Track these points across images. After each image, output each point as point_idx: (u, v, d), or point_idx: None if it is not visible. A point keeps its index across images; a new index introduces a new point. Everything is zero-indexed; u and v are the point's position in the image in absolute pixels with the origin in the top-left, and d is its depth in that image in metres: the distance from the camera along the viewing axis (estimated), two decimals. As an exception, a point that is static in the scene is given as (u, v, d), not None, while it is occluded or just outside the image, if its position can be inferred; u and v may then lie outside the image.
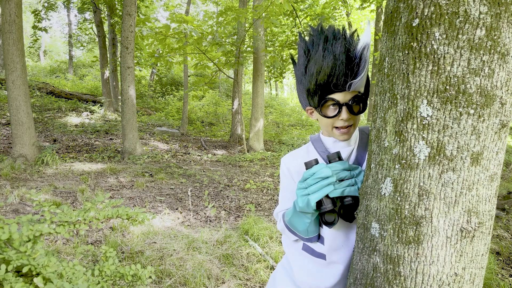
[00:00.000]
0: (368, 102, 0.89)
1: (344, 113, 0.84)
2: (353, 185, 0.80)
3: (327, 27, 0.85)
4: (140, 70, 17.83)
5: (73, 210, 1.37)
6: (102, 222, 1.38)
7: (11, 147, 5.92)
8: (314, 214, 0.84)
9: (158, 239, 2.94)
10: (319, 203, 0.81)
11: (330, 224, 0.82)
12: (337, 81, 0.81)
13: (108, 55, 12.01)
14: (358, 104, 0.86)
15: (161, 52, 9.02)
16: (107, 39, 12.14)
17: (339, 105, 0.83)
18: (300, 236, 0.92)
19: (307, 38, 0.88)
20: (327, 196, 0.80)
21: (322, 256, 0.93)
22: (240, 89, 9.52)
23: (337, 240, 0.90)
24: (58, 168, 5.41)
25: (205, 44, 7.31)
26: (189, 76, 15.19)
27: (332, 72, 0.80)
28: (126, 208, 1.48)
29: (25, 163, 5.46)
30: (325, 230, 0.91)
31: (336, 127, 0.88)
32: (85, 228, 1.34)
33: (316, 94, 0.84)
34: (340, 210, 0.84)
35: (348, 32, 0.85)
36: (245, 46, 9.01)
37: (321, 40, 0.82)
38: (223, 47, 7.05)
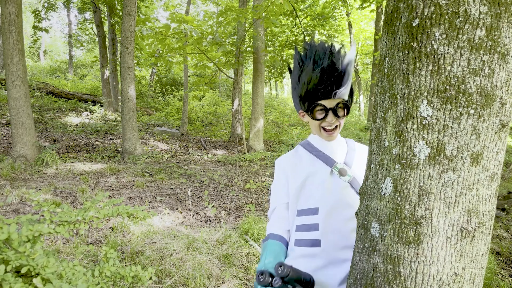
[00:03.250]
0: (351, 106, 1.04)
1: (330, 117, 0.99)
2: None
3: (318, 43, 0.99)
4: (140, 70, 17.82)
5: (73, 210, 1.36)
6: (102, 222, 1.38)
7: (11, 147, 5.92)
8: None
9: (158, 239, 2.94)
10: None
11: None
12: (324, 90, 0.95)
13: (108, 55, 12.01)
14: (342, 109, 1.01)
15: (161, 52, 9.01)
16: (107, 39, 12.13)
17: (325, 109, 0.99)
18: None
19: (301, 51, 1.02)
20: None
21: (317, 243, 0.98)
22: (240, 89, 9.52)
23: (329, 223, 0.97)
24: (58, 168, 5.41)
25: (205, 44, 7.31)
26: (189, 76, 15.17)
27: (320, 82, 0.95)
28: (127, 207, 1.48)
29: (25, 163, 5.46)
30: (319, 217, 0.98)
31: (324, 129, 1.03)
32: (85, 228, 1.34)
33: (307, 100, 0.99)
34: None
35: (336, 47, 0.99)
36: (245, 46, 9.00)
37: (313, 54, 0.96)
38: (223, 47, 7.05)
